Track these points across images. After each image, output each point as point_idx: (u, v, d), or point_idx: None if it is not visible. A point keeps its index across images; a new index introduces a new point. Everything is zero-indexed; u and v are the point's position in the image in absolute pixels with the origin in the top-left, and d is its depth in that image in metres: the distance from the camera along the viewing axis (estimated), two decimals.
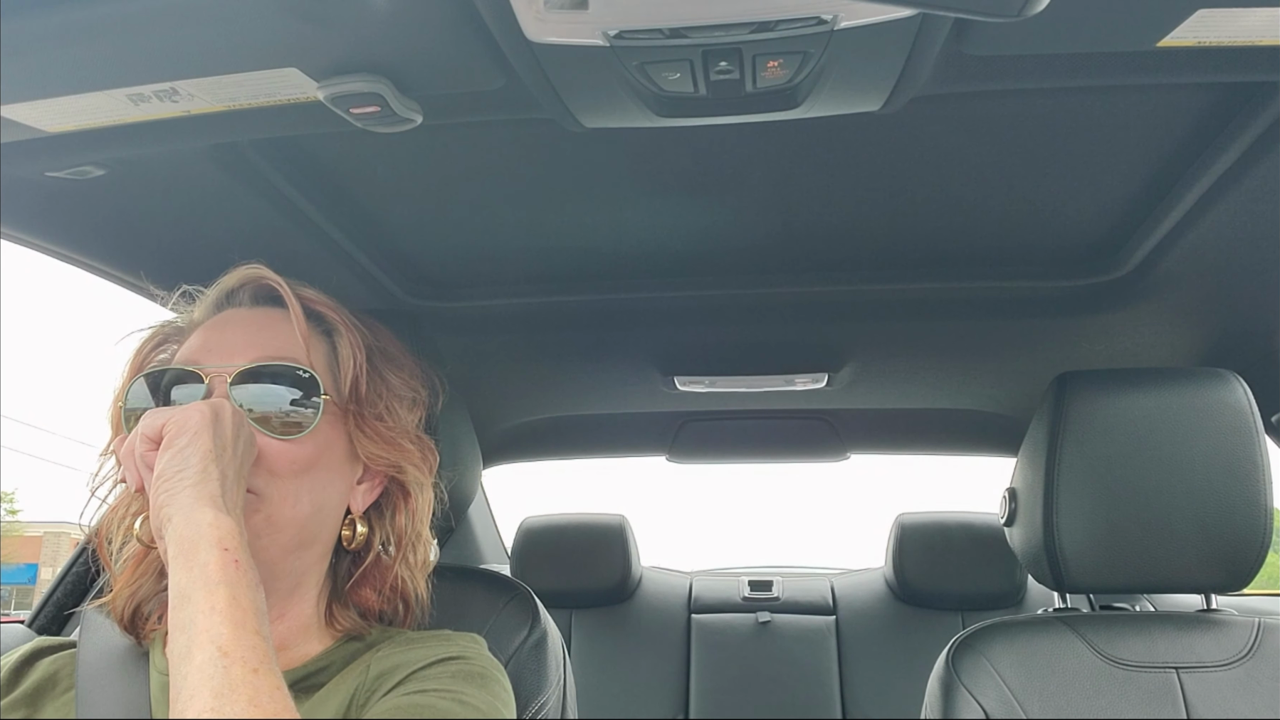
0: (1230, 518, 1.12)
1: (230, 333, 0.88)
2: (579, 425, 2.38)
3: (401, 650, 0.85)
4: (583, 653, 2.41)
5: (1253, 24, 0.72)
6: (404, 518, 0.93)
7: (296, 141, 1.04)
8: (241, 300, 0.93)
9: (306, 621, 0.89)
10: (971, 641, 1.17)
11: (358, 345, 0.90)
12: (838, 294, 1.46)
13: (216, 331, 0.89)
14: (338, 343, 0.91)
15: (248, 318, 0.90)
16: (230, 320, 0.90)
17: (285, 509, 0.83)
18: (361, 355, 0.90)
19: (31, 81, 0.77)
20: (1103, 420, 1.17)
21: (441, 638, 0.90)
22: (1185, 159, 1.05)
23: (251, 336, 0.87)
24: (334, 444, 0.87)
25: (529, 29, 0.70)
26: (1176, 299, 1.40)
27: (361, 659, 0.86)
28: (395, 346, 0.98)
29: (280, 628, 0.86)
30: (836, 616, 2.46)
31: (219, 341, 0.87)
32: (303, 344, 0.86)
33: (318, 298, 0.92)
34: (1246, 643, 1.13)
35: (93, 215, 1.11)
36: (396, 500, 0.94)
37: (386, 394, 0.92)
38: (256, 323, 0.89)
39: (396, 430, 0.91)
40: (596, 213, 1.23)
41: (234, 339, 0.87)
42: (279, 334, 0.88)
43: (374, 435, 0.89)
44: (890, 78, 0.79)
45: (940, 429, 2.32)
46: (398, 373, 0.95)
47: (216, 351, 0.86)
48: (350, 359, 0.89)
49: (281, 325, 0.88)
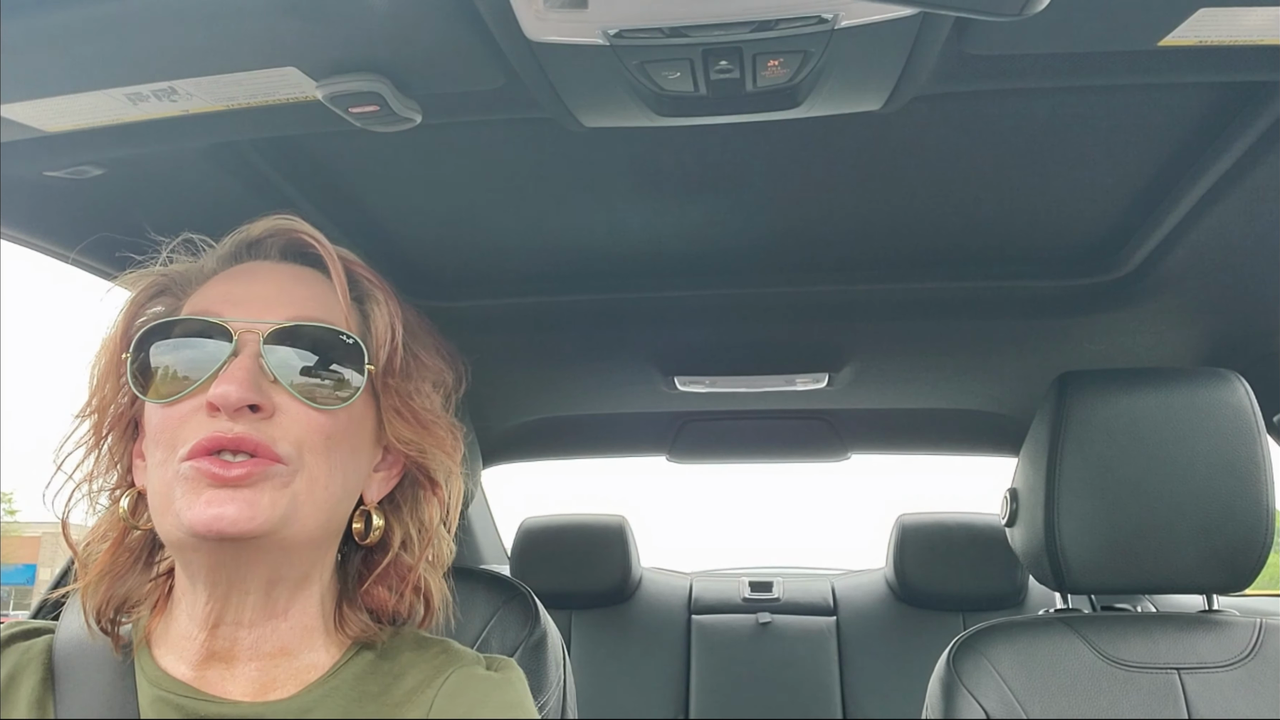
0: (1232, 518, 1.12)
1: (258, 285, 0.77)
2: (579, 425, 2.38)
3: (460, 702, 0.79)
4: (583, 654, 2.40)
5: (1254, 23, 0.72)
6: (433, 509, 0.85)
7: (295, 141, 1.04)
8: (267, 253, 0.82)
9: (310, 623, 0.79)
10: (972, 642, 1.17)
11: (396, 315, 0.82)
12: (838, 294, 1.45)
13: (239, 283, 0.78)
14: (372, 310, 0.82)
15: (276, 271, 0.80)
16: (255, 272, 0.80)
17: (318, 488, 0.74)
18: (400, 326, 0.81)
19: (30, 81, 0.77)
20: (1104, 420, 1.17)
21: (496, 683, 0.82)
22: (1186, 158, 1.05)
23: (285, 291, 0.77)
24: (364, 422, 0.79)
25: (528, 28, 0.70)
26: (1178, 299, 1.40)
27: (378, 675, 0.80)
28: (423, 325, 0.89)
29: (283, 627, 0.77)
30: (837, 617, 2.46)
31: (245, 294, 0.76)
32: (344, 306, 0.78)
33: (354, 259, 0.83)
34: (1248, 643, 1.13)
35: (91, 215, 1.11)
36: (421, 490, 0.85)
37: (418, 372, 0.84)
38: (289, 277, 0.80)
39: (430, 412, 0.83)
40: (596, 212, 1.23)
41: (263, 292, 0.77)
42: (316, 293, 0.79)
43: (408, 415, 0.81)
44: (891, 77, 0.79)
45: (941, 429, 2.32)
46: (427, 352, 0.87)
47: (244, 304, 0.75)
48: (387, 330, 0.80)
49: (317, 284, 0.79)
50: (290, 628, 0.78)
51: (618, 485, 5.48)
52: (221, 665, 0.75)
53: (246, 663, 0.75)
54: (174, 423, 0.71)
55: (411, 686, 0.80)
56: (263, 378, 0.72)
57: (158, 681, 0.74)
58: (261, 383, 0.72)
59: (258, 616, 0.75)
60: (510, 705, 0.80)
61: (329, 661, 0.79)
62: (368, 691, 0.78)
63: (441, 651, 0.85)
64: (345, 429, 0.76)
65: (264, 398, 0.71)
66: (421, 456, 0.83)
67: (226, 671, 0.75)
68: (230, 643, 0.75)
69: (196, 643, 0.74)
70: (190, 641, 0.74)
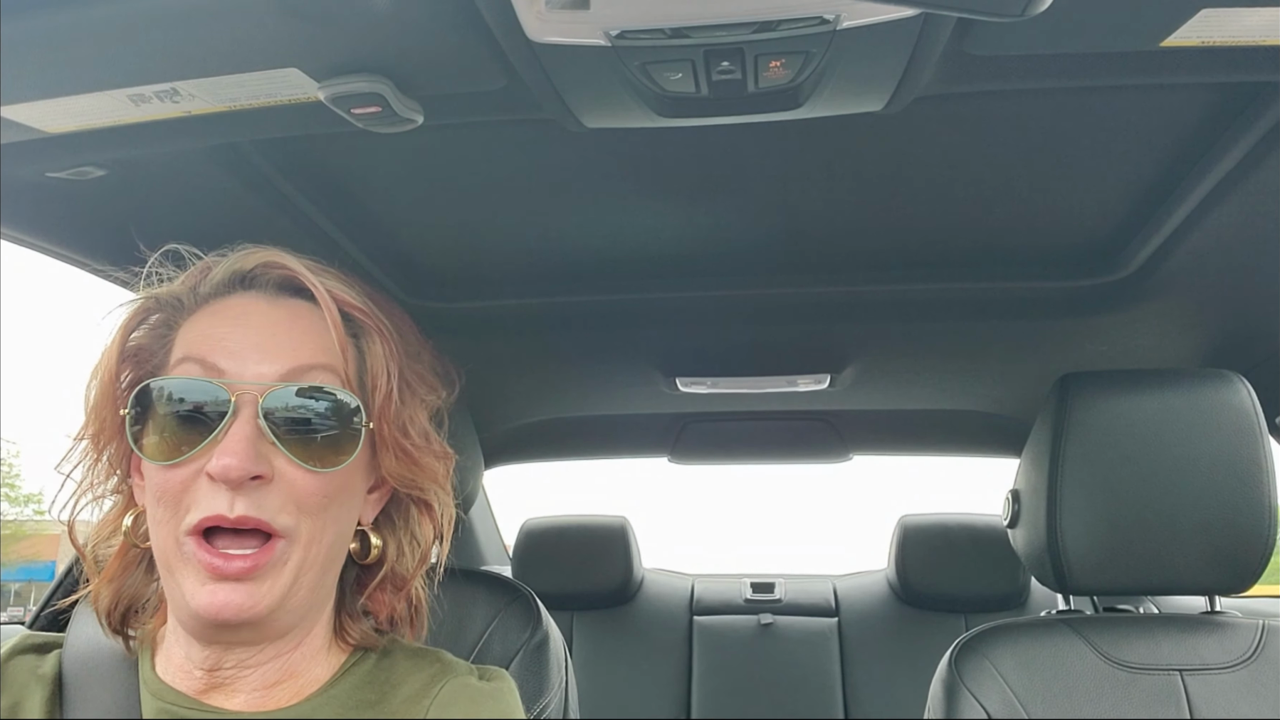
0: (1234, 519, 1.12)
1: (253, 332, 0.76)
2: (580, 426, 2.38)
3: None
4: (585, 655, 2.40)
5: (1256, 24, 0.72)
6: (426, 528, 0.86)
7: (297, 142, 1.04)
8: (261, 286, 0.80)
9: (318, 644, 0.81)
10: (974, 643, 1.17)
11: (390, 355, 0.80)
12: (840, 295, 1.45)
13: (233, 325, 0.76)
14: (367, 349, 0.80)
15: (272, 311, 0.78)
16: (249, 312, 0.78)
17: (313, 549, 0.74)
18: (395, 367, 0.80)
19: (32, 82, 0.77)
20: (1106, 421, 1.17)
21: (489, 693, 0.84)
22: (1189, 159, 1.04)
23: (281, 339, 0.76)
24: (358, 466, 0.78)
25: (530, 29, 0.70)
26: (1180, 300, 1.40)
27: (375, 684, 0.82)
28: (414, 333, 0.87)
29: (294, 658, 0.78)
30: (839, 618, 2.46)
31: (240, 340, 0.75)
32: (340, 354, 0.76)
33: (346, 294, 0.80)
34: (1250, 645, 1.13)
35: (93, 216, 1.11)
36: (416, 511, 0.86)
37: (412, 401, 0.82)
38: (283, 321, 0.77)
39: (421, 447, 0.82)
40: (598, 213, 1.23)
41: (259, 339, 0.75)
42: (311, 337, 0.77)
43: (400, 454, 0.80)
44: (893, 78, 0.79)
45: (943, 430, 2.32)
46: (420, 371, 0.86)
47: (238, 353, 0.74)
48: (383, 370, 0.79)
49: (312, 325, 0.77)
50: (301, 655, 0.80)
51: (618, 492, 5.47)
52: (221, 695, 0.76)
53: (250, 693, 0.77)
54: (176, 486, 0.71)
55: (408, 695, 0.82)
56: (262, 440, 0.72)
57: (161, 694, 0.76)
58: (261, 446, 0.71)
59: (265, 658, 0.77)
60: (501, 714, 0.83)
61: (328, 673, 0.81)
62: (365, 700, 0.81)
63: (436, 661, 0.86)
64: (343, 483, 0.76)
65: (264, 465, 0.71)
66: (412, 489, 0.83)
67: (226, 698, 0.76)
68: (232, 678, 0.76)
69: (193, 677, 0.76)
70: (186, 675, 0.76)
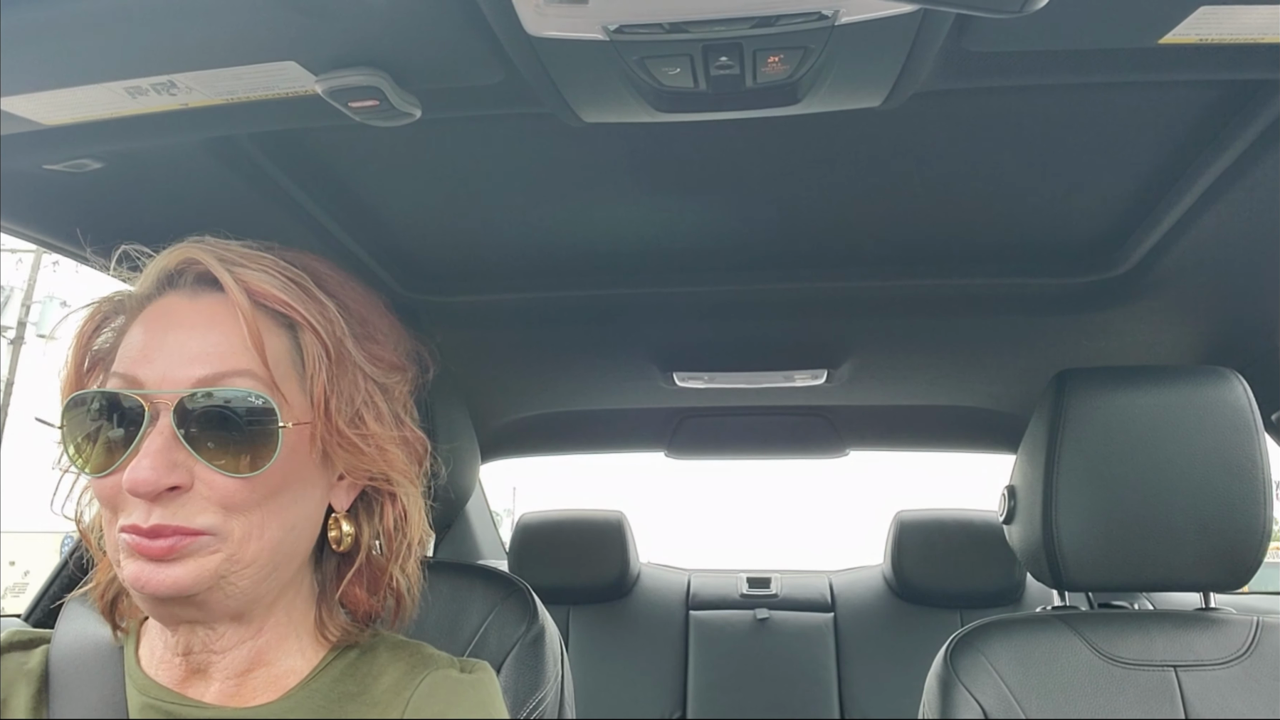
0: (1229, 516, 1.12)
1: (172, 335, 0.74)
2: (578, 420, 2.38)
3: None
4: (581, 649, 2.41)
5: (1254, 21, 0.72)
6: (392, 520, 0.84)
7: (295, 135, 1.04)
8: (183, 284, 0.78)
9: (284, 631, 0.80)
10: (970, 639, 1.17)
11: (327, 342, 0.77)
12: (837, 290, 1.45)
13: (155, 331, 0.75)
14: (301, 339, 0.77)
15: (189, 312, 0.75)
16: (171, 313, 0.76)
17: (250, 545, 0.73)
18: (328, 357, 0.77)
19: (28, 74, 0.76)
20: (1102, 418, 1.17)
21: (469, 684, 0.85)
22: (1186, 156, 1.05)
23: (196, 342, 0.73)
24: (302, 457, 0.76)
25: (528, 23, 0.70)
26: (1176, 297, 1.40)
27: (356, 675, 0.82)
28: (374, 311, 0.85)
29: (259, 643, 0.78)
30: (835, 614, 2.47)
31: (159, 346, 0.74)
32: (256, 352, 0.73)
33: (266, 284, 0.76)
34: (1245, 641, 1.13)
35: (90, 208, 1.11)
36: (384, 500, 0.84)
37: (363, 388, 0.80)
38: (200, 321, 0.75)
39: (376, 436, 0.79)
40: (595, 208, 1.23)
41: (175, 344, 0.73)
42: (230, 337, 0.74)
43: (349, 447, 0.77)
44: (891, 73, 0.79)
45: (939, 426, 2.33)
46: (375, 353, 0.83)
47: (158, 361, 0.73)
48: (318, 361, 0.76)
49: (231, 322, 0.74)
50: (266, 641, 0.79)
51: (616, 482, 5.48)
52: (200, 682, 0.78)
53: (224, 680, 0.78)
54: (109, 492, 0.72)
55: (389, 686, 0.82)
56: (178, 449, 0.70)
57: (146, 689, 0.77)
58: (177, 455, 0.70)
59: (229, 642, 0.78)
60: (480, 705, 0.84)
61: (307, 667, 0.81)
62: (347, 691, 0.81)
63: (417, 653, 0.87)
64: (277, 480, 0.74)
65: (180, 474, 0.70)
66: (375, 480, 0.82)
67: (205, 687, 0.78)
68: (205, 663, 0.78)
69: (173, 665, 0.78)
70: (168, 665, 0.78)
